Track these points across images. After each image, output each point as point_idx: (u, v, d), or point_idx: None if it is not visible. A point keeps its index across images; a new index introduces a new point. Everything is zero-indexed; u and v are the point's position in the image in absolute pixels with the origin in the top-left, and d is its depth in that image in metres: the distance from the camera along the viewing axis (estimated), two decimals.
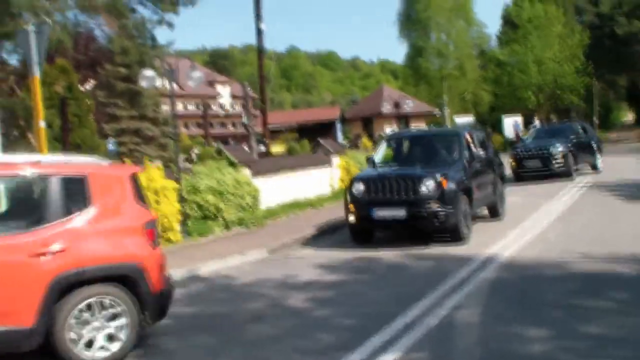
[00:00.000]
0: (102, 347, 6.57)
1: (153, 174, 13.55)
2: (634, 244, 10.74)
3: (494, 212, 14.73)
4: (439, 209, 11.69)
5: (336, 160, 21.75)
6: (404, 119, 52.90)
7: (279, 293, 9.30)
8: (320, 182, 20.55)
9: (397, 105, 47.16)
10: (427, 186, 11.78)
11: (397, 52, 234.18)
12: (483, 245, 11.60)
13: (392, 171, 13.01)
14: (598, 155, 25.63)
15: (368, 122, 55.87)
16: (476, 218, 13.66)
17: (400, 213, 11.90)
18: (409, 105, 50.13)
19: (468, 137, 13.94)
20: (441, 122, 60.01)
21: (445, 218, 11.70)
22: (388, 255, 11.52)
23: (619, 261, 9.60)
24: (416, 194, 11.82)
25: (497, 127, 56.02)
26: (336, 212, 17.12)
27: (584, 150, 24.32)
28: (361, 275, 10.06)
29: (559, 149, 22.71)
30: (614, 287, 8.36)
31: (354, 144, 35.75)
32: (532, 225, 13.52)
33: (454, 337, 6.79)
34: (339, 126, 53.81)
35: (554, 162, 22.58)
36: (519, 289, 8.57)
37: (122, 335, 6.65)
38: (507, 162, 20.53)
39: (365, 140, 39.41)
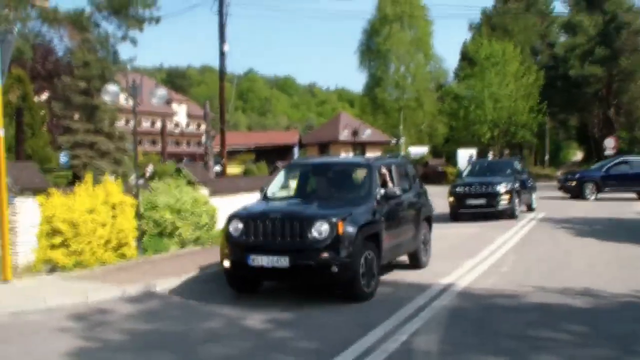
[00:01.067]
0: None
1: (111, 189, 13.41)
2: (585, 278, 10.98)
3: (415, 261, 12.55)
4: (332, 260, 9.36)
5: (293, 183, 21.73)
6: (360, 146, 53.24)
7: (236, 313, 9.24)
8: None
9: (355, 133, 47.47)
10: (318, 230, 9.41)
11: (354, 80, 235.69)
12: (440, 274, 11.70)
13: (280, 208, 10.60)
14: (534, 194, 24.76)
15: (325, 148, 56.14)
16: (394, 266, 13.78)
17: (282, 262, 9.45)
18: (367, 133, 50.54)
19: (384, 170, 11.65)
20: (396, 150, 60.60)
21: (339, 271, 9.35)
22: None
23: (572, 294, 9.80)
24: (303, 239, 9.45)
25: (452, 160, 56.86)
26: None
27: (525, 189, 23.09)
28: (320, 299, 10.05)
29: (504, 186, 21.22)
30: (568, 319, 8.51)
31: None
32: (486, 257, 13.70)
33: None
34: (297, 150, 53.91)
35: (499, 200, 21.02)
36: (475, 318, 8.66)
37: None
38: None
39: None
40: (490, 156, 51.99)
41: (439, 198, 21.40)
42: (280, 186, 12.43)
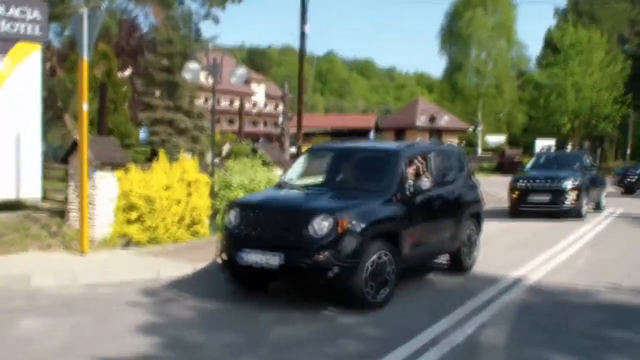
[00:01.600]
0: None
1: (187, 166, 13.65)
2: None
3: (456, 263, 11.10)
4: (329, 261, 8.07)
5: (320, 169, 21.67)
6: (437, 132, 52.76)
7: (305, 296, 9.31)
8: None
9: (432, 119, 47.08)
10: (317, 226, 8.13)
11: (434, 65, 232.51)
12: (511, 266, 11.53)
13: (279, 198, 9.65)
14: (603, 192, 22.62)
15: (401, 133, 55.79)
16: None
17: (272, 261, 8.29)
18: (444, 119, 50.05)
19: (417, 159, 10.26)
20: (473, 139, 59.83)
21: (337, 274, 8.09)
22: (415, 268, 11.48)
23: None
24: (299, 236, 8.22)
25: (530, 150, 55.80)
26: None
27: (594, 186, 20.97)
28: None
29: (572, 183, 19.24)
30: None
31: None
32: (559, 252, 13.44)
33: (479, 356, 6.78)
34: (372, 135, 53.76)
35: (565, 198, 19.04)
36: (546, 314, 8.52)
37: None
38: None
39: None
40: (569, 148, 50.87)
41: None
42: (300, 172, 10.86)
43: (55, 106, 28.05)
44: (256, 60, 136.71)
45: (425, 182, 9.72)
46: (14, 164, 12.74)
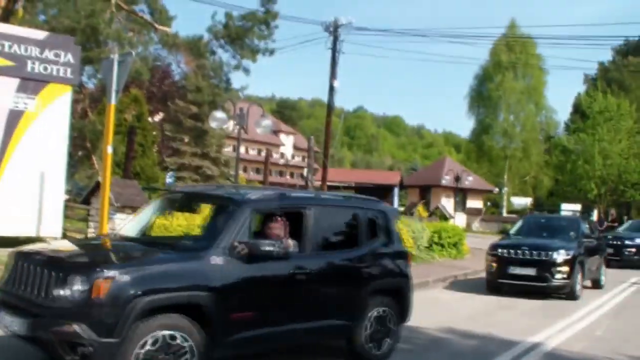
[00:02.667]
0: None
1: (208, 213, 13.66)
2: None
3: (356, 354, 8.58)
4: (77, 335, 6.01)
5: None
6: (461, 192, 52.59)
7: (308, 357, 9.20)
8: None
9: (457, 178, 46.97)
10: (66, 287, 6.17)
11: (463, 126, 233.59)
12: (528, 332, 11.35)
13: (57, 249, 7.64)
14: (603, 267, 19.13)
15: (426, 191, 55.65)
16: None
17: (20, 326, 6.39)
18: (469, 180, 49.90)
19: (277, 215, 8.04)
20: (499, 200, 59.54)
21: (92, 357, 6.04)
22: (431, 327, 11.35)
23: None
24: (43, 299, 6.33)
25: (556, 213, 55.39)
26: None
27: (591, 256, 17.63)
28: (401, 345, 9.90)
29: (564, 254, 15.87)
30: None
31: (409, 211, 35.62)
32: (579, 319, 13.22)
33: None
34: (396, 191, 53.71)
35: (555, 272, 15.60)
36: None
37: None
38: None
39: (420, 209, 39.20)
40: (594, 215, 50.38)
41: None
42: (146, 221, 8.82)
43: (84, 147, 28.46)
44: (286, 112, 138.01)
45: (269, 247, 7.13)
46: (37, 202, 12.88)
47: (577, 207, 50.46)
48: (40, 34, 13.50)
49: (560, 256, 15.78)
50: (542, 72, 63.00)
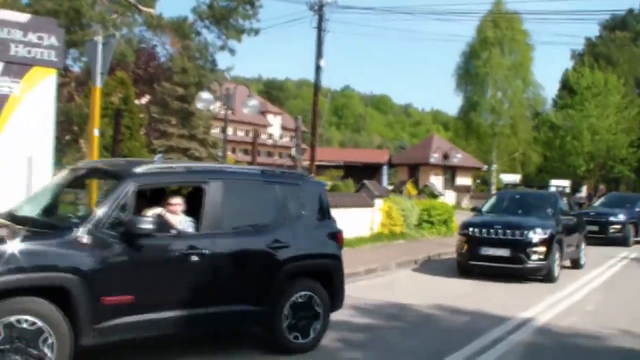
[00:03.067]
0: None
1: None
2: None
3: (275, 341, 7.88)
4: None
5: (379, 203, 21.68)
6: (450, 170, 52.68)
7: None
8: (360, 223, 20.46)
9: (445, 156, 47.04)
10: None
11: (450, 103, 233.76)
12: (519, 307, 11.39)
13: None
14: (583, 245, 17.75)
15: (414, 169, 55.72)
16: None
17: None
18: (458, 157, 49.98)
19: (173, 197, 7.76)
20: (488, 177, 59.74)
21: None
22: (422, 305, 11.38)
23: None
24: None
25: (544, 190, 55.56)
26: (373, 255, 17.12)
27: (570, 235, 16.49)
28: (393, 322, 9.94)
29: (541, 233, 14.69)
30: None
31: (398, 190, 35.66)
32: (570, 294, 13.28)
33: None
34: (385, 170, 53.74)
35: (530, 253, 14.39)
36: (553, 357, 8.38)
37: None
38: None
39: (409, 187, 39.26)
40: (583, 190, 50.55)
41: None
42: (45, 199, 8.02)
43: (72, 130, 28.29)
44: (273, 92, 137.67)
45: (144, 224, 6.56)
46: (25, 187, 12.77)
47: (567, 183, 50.66)
48: (23, 17, 13.32)
49: (536, 235, 14.53)
50: (529, 48, 62.89)
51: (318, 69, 27.45)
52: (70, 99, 29.30)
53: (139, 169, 6.98)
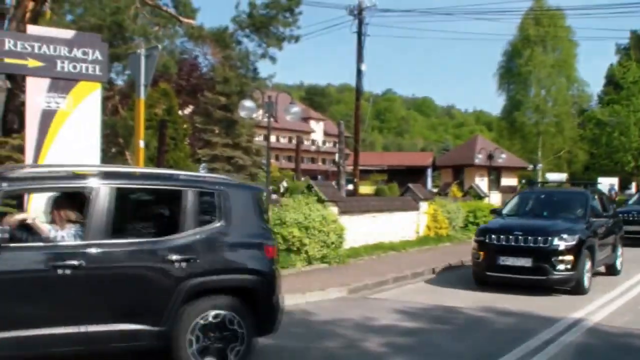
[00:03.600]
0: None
1: None
2: None
3: None
4: None
5: (424, 206, 21.59)
6: (495, 171, 52.16)
7: (355, 334, 9.23)
8: (405, 226, 20.42)
9: (490, 156, 46.56)
10: None
11: (493, 103, 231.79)
12: (570, 307, 11.24)
13: None
14: (619, 249, 15.86)
15: (459, 171, 55.26)
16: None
17: None
18: (502, 157, 49.42)
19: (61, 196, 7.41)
20: (533, 177, 59.00)
21: None
22: (469, 307, 11.31)
23: None
24: None
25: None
26: (419, 258, 17.07)
27: (604, 239, 14.61)
28: (440, 325, 9.89)
29: (567, 239, 12.84)
30: None
31: (443, 192, 35.46)
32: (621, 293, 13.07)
33: None
34: (429, 172, 53.47)
35: (556, 263, 12.63)
36: (606, 357, 8.26)
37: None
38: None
39: (455, 190, 38.98)
40: (632, 187, 49.67)
41: None
42: None
43: (117, 143, 28.72)
44: (315, 98, 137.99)
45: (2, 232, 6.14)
46: None
47: (615, 180, 49.87)
48: (68, 33, 13.59)
49: (562, 242, 12.77)
50: (572, 44, 62.14)
51: (359, 73, 27.49)
52: (114, 112, 29.74)
53: (9, 175, 6.55)
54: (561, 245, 12.72)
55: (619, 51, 69.81)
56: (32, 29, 13.30)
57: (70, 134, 13.10)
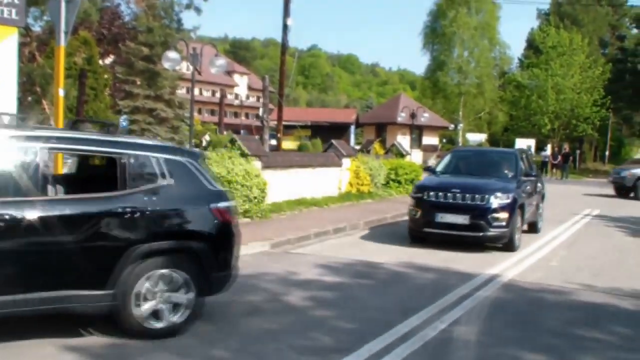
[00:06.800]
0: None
1: None
2: (637, 280, 10.74)
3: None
4: None
5: (347, 163, 21.72)
6: (417, 129, 52.85)
7: (278, 288, 9.27)
8: (328, 182, 20.52)
9: (413, 115, 47.13)
10: None
11: (417, 63, 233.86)
12: (486, 264, 11.55)
13: None
14: (541, 208, 16.70)
15: (382, 129, 55.81)
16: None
17: None
18: (425, 117, 50.09)
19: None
20: (454, 137, 60.07)
21: None
22: (391, 263, 11.49)
23: (621, 295, 9.59)
24: None
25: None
26: (341, 214, 17.22)
27: (531, 198, 15.19)
28: (362, 280, 10.02)
29: (502, 197, 13.20)
30: (615, 320, 8.32)
31: (366, 149, 35.74)
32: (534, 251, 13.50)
33: (451, 352, 6.77)
34: (353, 129, 53.75)
35: (491, 220, 12.95)
36: (519, 312, 8.54)
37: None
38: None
39: (377, 147, 39.37)
40: (548, 149, 51.07)
41: None
42: None
43: (34, 91, 27.85)
44: (239, 52, 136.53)
45: None
46: None
47: (532, 142, 51.21)
48: None
49: (498, 200, 13.07)
50: (496, 7, 63.09)
51: (285, 28, 27.16)
52: (32, 59, 28.79)
53: None
54: (496, 203, 13.03)
55: (540, 16, 71.35)
56: None
57: None
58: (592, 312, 8.68)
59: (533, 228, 15.97)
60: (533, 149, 50.32)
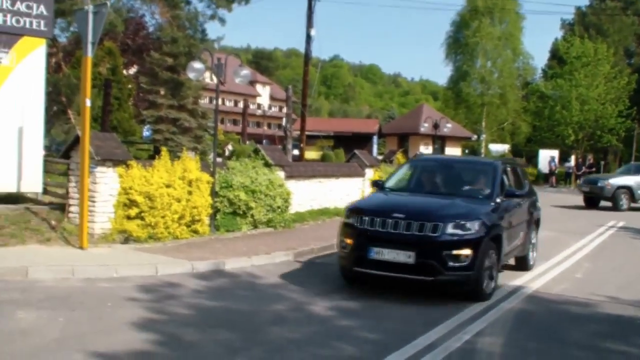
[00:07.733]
0: None
1: (189, 165, 13.62)
2: None
3: None
4: None
5: (370, 173, 21.72)
6: (440, 140, 52.68)
7: (302, 298, 9.29)
8: (351, 192, 20.52)
9: (435, 126, 47.00)
10: None
11: (439, 74, 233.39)
12: (510, 276, 11.49)
13: None
14: (533, 236, 12.58)
15: (404, 139, 55.69)
16: None
17: None
18: (447, 127, 49.94)
19: None
20: (477, 147, 59.80)
21: None
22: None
23: None
24: None
25: (533, 160, 55.88)
26: None
27: (516, 227, 11.21)
28: (388, 291, 10.00)
29: (465, 226, 9.30)
30: None
31: (388, 160, 35.67)
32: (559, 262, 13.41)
33: None
34: (375, 139, 53.71)
35: (447, 258, 9.10)
36: (544, 324, 8.49)
37: None
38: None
39: (400, 157, 39.29)
40: (572, 160, 50.66)
41: None
42: None
43: (59, 101, 28.12)
44: (262, 62, 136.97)
45: None
46: (16, 157, 12.74)
47: (555, 153, 50.87)
48: None
49: (458, 230, 9.26)
50: (519, 17, 62.75)
51: (308, 38, 27.33)
52: (57, 70, 29.08)
53: None
54: (455, 234, 9.25)
55: (563, 26, 70.86)
56: None
57: (13, 91, 12.79)
58: (618, 325, 8.61)
59: (522, 263, 12.24)
60: (557, 160, 49.99)
